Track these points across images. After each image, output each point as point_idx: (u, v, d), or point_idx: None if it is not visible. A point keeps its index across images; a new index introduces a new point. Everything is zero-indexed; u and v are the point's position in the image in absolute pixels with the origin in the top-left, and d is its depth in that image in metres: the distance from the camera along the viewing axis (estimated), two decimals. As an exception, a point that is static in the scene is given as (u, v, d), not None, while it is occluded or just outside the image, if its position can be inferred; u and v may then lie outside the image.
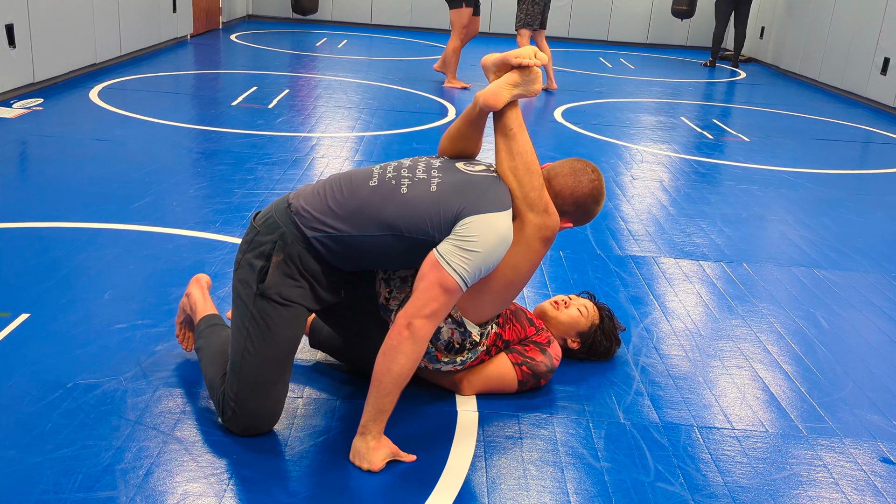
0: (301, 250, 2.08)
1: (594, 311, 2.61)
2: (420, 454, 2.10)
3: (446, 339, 2.20)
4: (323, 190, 2.14)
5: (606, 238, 3.82)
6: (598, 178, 2.26)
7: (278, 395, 2.12)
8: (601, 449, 2.19)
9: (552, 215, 2.12)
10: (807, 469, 2.18)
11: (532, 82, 2.17)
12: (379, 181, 2.12)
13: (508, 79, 2.16)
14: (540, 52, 2.19)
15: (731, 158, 5.64)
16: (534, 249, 2.12)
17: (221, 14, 10.58)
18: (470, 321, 2.20)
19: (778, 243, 3.98)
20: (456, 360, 2.25)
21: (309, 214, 2.09)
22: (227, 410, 2.11)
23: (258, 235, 2.12)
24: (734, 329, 2.99)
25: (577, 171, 2.23)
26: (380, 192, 2.08)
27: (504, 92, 2.15)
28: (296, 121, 5.75)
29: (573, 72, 9.14)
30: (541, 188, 2.12)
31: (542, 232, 2.11)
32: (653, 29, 12.02)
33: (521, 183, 2.11)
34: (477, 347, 2.27)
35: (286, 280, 2.07)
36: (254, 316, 2.07)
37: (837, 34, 8.89)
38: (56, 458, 1.97)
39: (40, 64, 5.95)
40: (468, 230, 2.01)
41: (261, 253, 2.09)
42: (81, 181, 4.06)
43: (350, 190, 2.11)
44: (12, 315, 2.64)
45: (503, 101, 2.15)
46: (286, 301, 2.07)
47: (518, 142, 2.15)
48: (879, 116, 7.70)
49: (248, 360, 2.08)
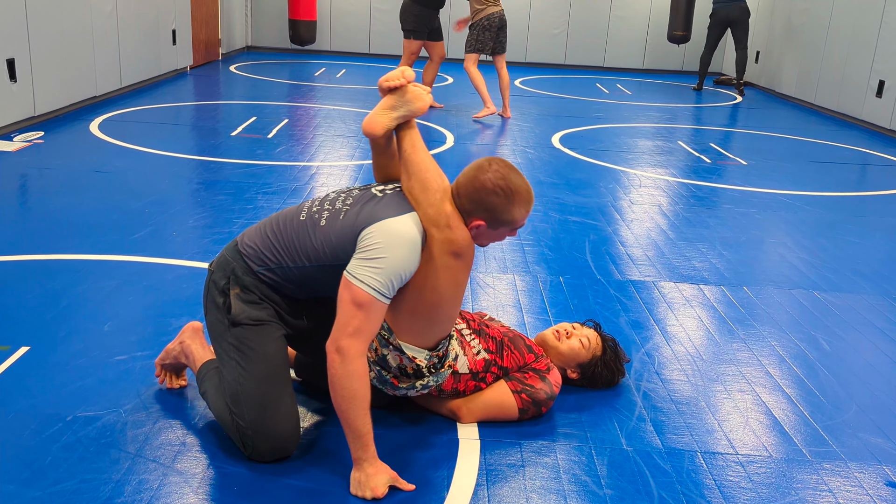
0: (252, 280, 2.18)
1: (597, 342, 2.59)
2: (421, 483, 2.09)
3: (395, 365, 2.19)
4: (264, 226, 2.24)
5: (606, 263, 3.83)
6: (497, 169, 2.10)
7: (288, 410, 2.13)
8: (604, 476, 2.18)
9: (455, 228, 2.07)
10: (811, 494, 2.16)
11: (410, 102, 2.17)
12: (307, 215, 2.19)
13: (383, 104, 2.19)
14: (408, 69, 2.18)
15: (729, 182, 5.65)
16: (447, 266, 2.07)
17: (221, 45, 10.67)
18: (414, 346, 2.17)
19: (777, 266, 3.98)
20: (416, 386, 2.22)
21: (252, 250, 2.19)
22: (246, 442, 2.11)
23: (213, 276, 2.24)
24: (735, 353, 2.98)
25: (477, 168, 2.12)
26: (307, 225, 2.16)
27: (379, 118, 2.17)
28: (295, 150, 5.78)
29: (570, 98, 9.20)
30: (438, 203, 2.07)
31: (448, 247, 2.07)
32: (649, 54, 12.12)
33: (418, 202, 2.10)
34: (441, 371, 2.24)
35: (251, 305, 2.17)
36: (234, 345, 2.15)
37: (832, 57, 8.96)
38: (55, 492, 1.96)
39: (41, 97, 6.00)
40: (369, 240, 2.02)
41: (219, 291, 2.21)
42: (82, 213, 4.07)
43: (284, 225, 2.20)
44: (12, 348, 2.63)
45: (381, 126, 2.17)
46: (257, 321, 2.16)
47: (412, 161, 2.14)
48: (876, 138, 7.74)
49: (245, 385, 2.11)
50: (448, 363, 2.26)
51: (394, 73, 2.17)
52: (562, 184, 5.21)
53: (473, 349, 2.36)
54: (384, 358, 2.18)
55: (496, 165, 2.13)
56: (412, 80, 2.19)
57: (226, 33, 10.88)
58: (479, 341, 2.38)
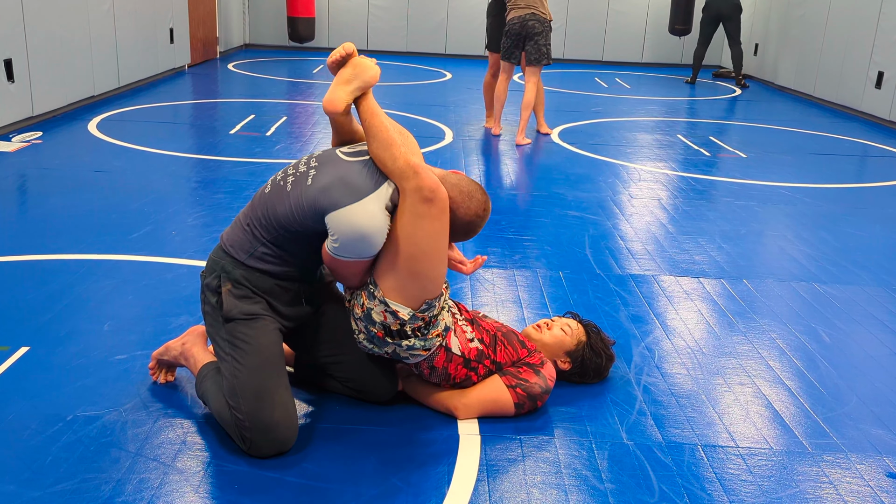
0: (244, 273, 2.21)
1: (578, 328, 2.60)
2: (422, 478, 2.09)
3: (379, 321, 2.22)
4: (239, 217, 2.31)
5: (606, 257, 3.82)
6: (487, 207, 2.29)
7: (284, 401, 2.14)
8: (604, 470, 2.17)
9: (422, 175, 2.12)
10: (812, 486, 2.16)
11: (362, 73, 2.24)
12: (272, 186, 2.25)
13: (338, 80, 2.26)
14: (349, 43, 2.27)
15: (729, 175, 5.65)
16: (422, 214, 2.13)
17: (219, 44, 10.66)
18: (397, 302, 2.20)
19: (777, 258, 3.98)
20: (402, 345, 2.24)
21: (234, 241, 2.24)
22: (244, 435, 2.12)
23: (206, 280, 2.28)
24: (736, 346, 2.98)
25: (472, 194, 2.25)
26: (273, 195, 2.22)
27: (338, 94, 2.23)
28: (293, 148, 5.77)
29: (569, 92, 9.19)
30: (403, 156, 2.14)
31: (420, 193, 2.12)
32: (648, 48, 12.10)
33: (383, 161, 2.16)
34: (428, 337, 2.25)
35: (243, 300, 2.20)
36: (228, 340, 2.19)
37: (831, 49, 8.95)
38: (56, 492, 1.96)
39: (39, 97, 5.99)
40: (334, 232, 2.11)
41: (212, 291, 2.25)
42: (80, 213, 4.07)
43: (255, 205, 2.26)
44: (12, 348, 2.63)
45: (342, 102, 2.23)
46: (250, 315, 2.19)
47: (373, 126, 2.20)
48: (875, 130, 7.73)
49: (241, 377, 2.14)
50: (437, 332, 2.27)
51: (337, 49, 2.26)
52: (561, 179, 5.20)
53: (466, 335, 2.36)
54: (369, 313, 2.22)
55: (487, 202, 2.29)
56: (353, 51, 2.27)
57: (223, 31, 10.86)
58: (473, 330, 2.39)
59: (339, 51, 2.25)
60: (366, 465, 2.14)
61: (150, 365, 2.50)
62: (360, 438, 2.26)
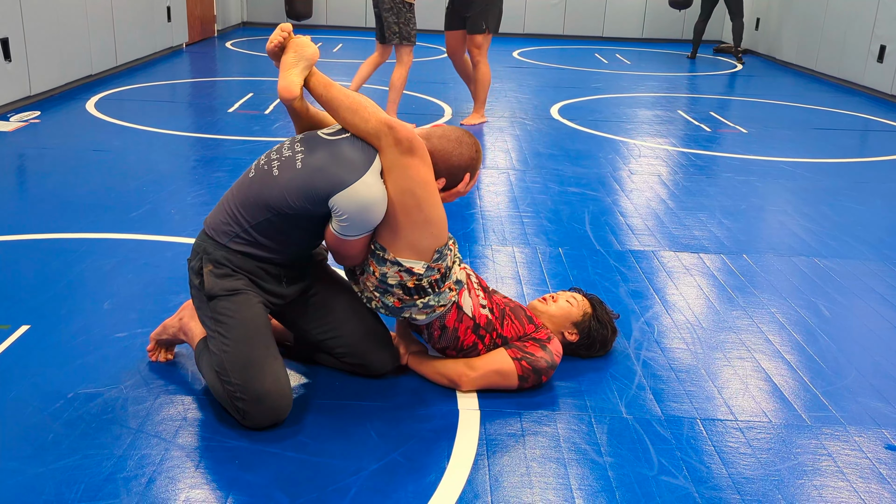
0: (224, 254, 2.22)
1: (583, 300, 2.61)
2: (422, 453, 2.10)
3: (396, 283, 2.23)
4: (222, 201, 2.31)
5: (606, 233, 3.82)
6: (478, 146, 2.34)
7: (275, 371, 2.16)
8: (604, 444, 2.18)
9: (396, 128, 2.15)
10: (811, 458, 2.17)
11: (303, 52, 2.24)
12: (256, 171, 2.25)
13: (284, 65, 2.25)
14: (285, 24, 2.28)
15: (729, 150, 5.63)
16: (408, 165, 2.16)
17: (216, 22, 10.59)
18: (410, 259, 2.22)
19: (778, 233, 3.97)
20: (418, 304, 2.26)
21: (216, 225, 2.25)
22: (238, 406, 2.14)
23: (190, 264, 2.32)
24: (735, 320, 2.98)
25: (462, 142, 2.30)
26: (258, 180, 2.21)
27: (290, 78, 2.23)
28: (292, 126, 5.73)
29: (569, 69, 9.14)
30: (373, 115, 2.17)
31: (398, 147, 2.15)
32: (648, 24, 12.01)
33: (355, 125, 2.19)
34: (442, 290, 2.26)
35: (224, 279, 2.22)
36: (213, 318, 2.20)
37: (833, 23, 8.88)
38: (58, 468, 1.97)
39: (36, 77, 5.96)
40: (341, 212, 2.12)
41: (195, 273, 2.27)
42: (79, 192, 4.06)
43: (237, 188, 2.27)
44: (12, 327, 2.64)
45: (296, 85, 2.23)
46: (232, 291, 2.20)
47: (332, 98, 2.21)
48: (877, 104, 7.69)
49: (229, 351, 2.15)
50: (450, 285, 2.28)
51: (274, 33, 2.26)
52: (561, 155, 5.18)
53: (479, 299, 2.38)
54: (384, 278, 2.23)
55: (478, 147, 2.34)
56: (291, 31, 2.27)
57: (221, 9, 10.78)
58: (485, 297, 2.40)
59: (277, 35, 2.25)
60: (366, 440, 2.15)
61: (148, 347, 2.51)
62: (360, 413, 2.27)
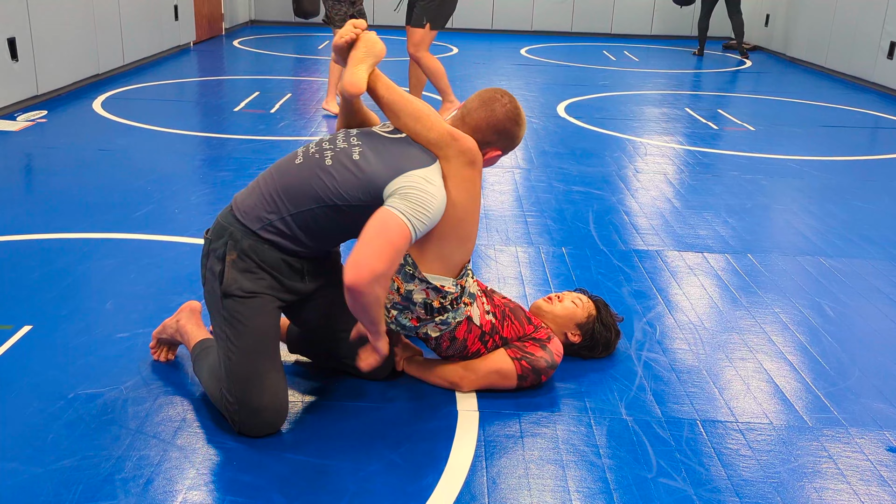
0: (252, 243, 2.13)
1: (588, 301, 2.60)
2: (421, 455, 2.10)
3: (421, 300, 2.21)
4: (257, 183, 2.22)
5: (610, 233, 3.80)
6: (510, 100, 2.29)
7: (274, 385, 2.13)
8: (603, 446, 2.18)
9: (461, 139, 2.16)
10: (812, 461, 2.16)
11: (372, 49, 2.21)
12: (304, 158, 2.19)
13: (352, 61, 2.21)
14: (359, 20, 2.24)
15: (736, 148, 5.60)
16: (466, 178, 2.16)
17: (224, 20, 10.61)
18: (439, 275, 2.21)
19: (783, 233, 3.95)
20: (436, 320, 2.25)
21: (249, 208, 2.16)
22: (234, 416, 2.13)
23: (211, 245, 2.19)
24: (738, 321, 2.96)
25: (488, 101, 2.27)
26: (306, 168, 2.15)
27: (359, 74, 2.19)
28: (298, 125, 5.75)
29: (576, 66, 9.11)
30: (436, 126, 2.16)
31: (463, 157, 2.15)
32: (657, 21, 11.96)
33: (417, 134, 2.17)
34: (459, 306, 2.25)
35: (245, 275, 2.13)
36: (225, 318, 2.14)
37: (843, 19, 8.82)
38: (57, 469, 1.98)
39: (43, 76, 5.99)
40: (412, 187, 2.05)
41: (216, 258, 2.16)
42: (85, 192, 4.07)
43: (279, 173, 2.18)
44: (15, 327, 2.65)
45: (363, 81, 2.19)
46: (249, 293, 2.13)
47: (394, 102, 2.20)
48: (887, 101, 7.63)
49: (233, 359, 2.12)
50: (465, 299, 2.28)
51: (345, 29, 2.22)
52: (566, 153, 5.17)
53: (485, 305, 2.37)
54: (409, 295, 2.21)
55: (506, 97, 2.29)
56: (365, 27, 2.25)
57: (228, 8, 10.80)
58: (488, 302, 2.39)
59: (349, 30, 2.20)
60: (364, 441, 2.15)
61: (150, 344, 2.52)
62: (359, 415, 2.27)
